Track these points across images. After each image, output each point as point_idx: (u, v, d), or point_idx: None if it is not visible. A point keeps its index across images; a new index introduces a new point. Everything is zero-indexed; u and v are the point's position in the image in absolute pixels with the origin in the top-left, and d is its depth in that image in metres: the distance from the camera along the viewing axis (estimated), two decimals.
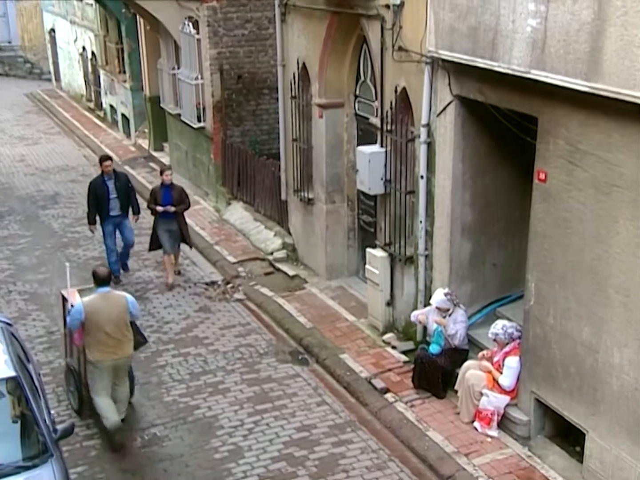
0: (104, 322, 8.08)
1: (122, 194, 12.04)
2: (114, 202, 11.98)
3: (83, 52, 23.74)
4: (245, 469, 7.86)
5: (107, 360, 8.13)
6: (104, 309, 8.14)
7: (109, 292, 8.35)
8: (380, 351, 9.81)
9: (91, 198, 12.04)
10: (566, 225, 7.05)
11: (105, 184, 11.95)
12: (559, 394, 7.47)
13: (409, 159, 9.34)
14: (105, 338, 8.09)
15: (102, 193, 11.91)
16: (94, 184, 12.08)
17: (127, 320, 8.28)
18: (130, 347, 8.36)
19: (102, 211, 12.02)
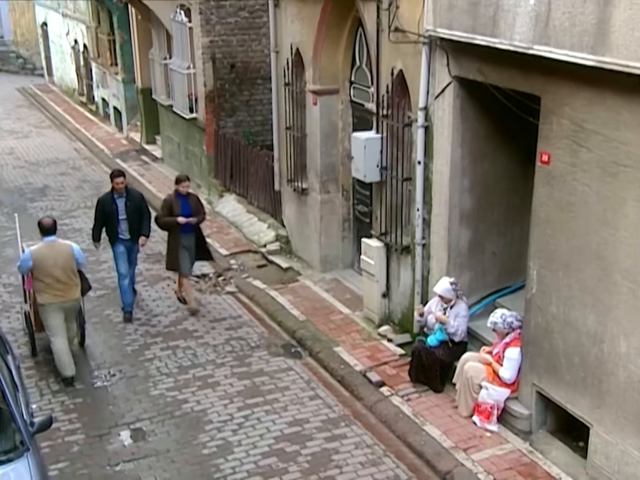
0: (51, 268, 8.79)
1: (134, 215, 10.33)
2: (123, 224, 10.35)
3: (75, 45, 23.39)
4: (234, 465, 7.53)
5: (56, 303, 8.88)
6: (51, 255, 8.85)
7: (54, 240, 9.05)
8: (376, 344, 9.48)
9: (98, 215, 10.51)
10: (570, 209, 6.74)
11: (114, 202, 10.33)
12: (561, 386, 7.15)
13: (405, 145, 9.01)
14: (53, 282, 8.82)
15: (111, 212, 10.32)
16: (102, 201, 10.49)
17: (73, 267, 9.05)
18: (78, 291, 9.15)
19: (111, 232, 10.47)
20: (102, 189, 16.16)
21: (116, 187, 10.35)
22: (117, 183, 10.33)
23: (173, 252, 10.62)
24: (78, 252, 9.12)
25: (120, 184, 10.32)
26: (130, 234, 10.39)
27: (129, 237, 10.42)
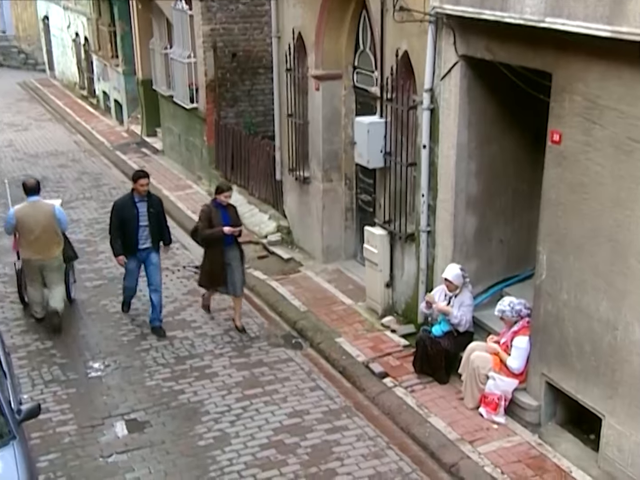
0: (32, 226, 9.27)
1: (155, 221, 9.33)
2: (144, 232, 9.25)
3: (76, 38, 23.17)
4: (231, 457, 7.25)
5: (35, 260, 9.39)
6: (33, 214, 9.32)
7: (37, 200, 9.49)
8: (379, 335, 9.20)
9: (115, 223, 9.28)
10: (583, 190, 6.45)
11: (135, 206, 9.16)
12: (572, 376, 6.86)
13: (410, 129, 8.73)
14: (34, 240, 9.30)
15: (131, 218, 9.11)
16: (121, 205, 9.25)
17: (55, 227, 9.44)
18: (57, 251, 9.53)
19: (128, 242, 9.24)
20: (102, 180, 16.07)
21: (140, 190, 9.17)
22: (142, 185, 9.16)
23: (216, 269, 9.30)
24: (60, 212, 9.61)
25: (145, 185, 9.18)
26: (152, 242, 9.37)
27: (150, 245, 9.36)
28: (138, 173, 9.47)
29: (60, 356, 9.09)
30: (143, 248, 9.34)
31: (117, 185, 15.74)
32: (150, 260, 9.45)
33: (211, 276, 9.43)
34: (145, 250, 9.37)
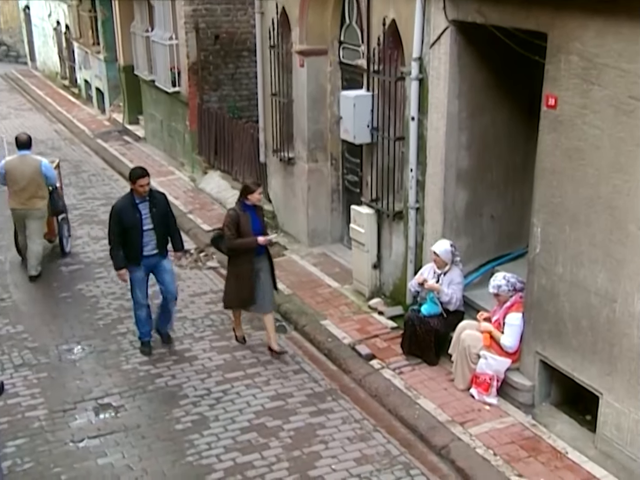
0: (18, 178, 9.96)
1: (161, 223, 8.08)
2: (149, 236, 8.02)
3: (57, 26, 22.69)
4: (210, 441, 6.88)
5: (19, 209, 10.11)
6: (20, 166, 9.98)
7: (26, 154, 10.12)
8: (366, 317, 8.86)
9: (116, 229, 7.96)
10: (579, 157, 6.13)
11: (137, 208, 7.95)
12: (568, 353, 6.54)
13: (398, 102, 8.39)
14: (19, 191, 9.99)
15: (133, 222, 7.91)
16: (120, 208, 7.96)
17: (39, 181, 10.01)
18: (40, 203, 10.08)
19: (132, 250, 8.01)
20: (82, 167, 15.65)
21: (139, 191, 7.91)
22: (142, 185, 7.87)
23: (246, 284, 8.01)
24: (46, 167, 10.15)
25: (145, 185, 7.89)
26: (157, 247, 8.13)
27: (156, 251, 8.14)
28: (136, 171, 8.02)
29: (31, 340, 8.69)
30: (149, 255, 8.10)
31: (97, 172, 15.34)
32: (162, 267, 8.24)
33: (240, 293, 8.06)
34: (153, 257, 8.12)
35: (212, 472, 6.48)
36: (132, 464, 6.61)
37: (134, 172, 8.04)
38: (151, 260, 8.15)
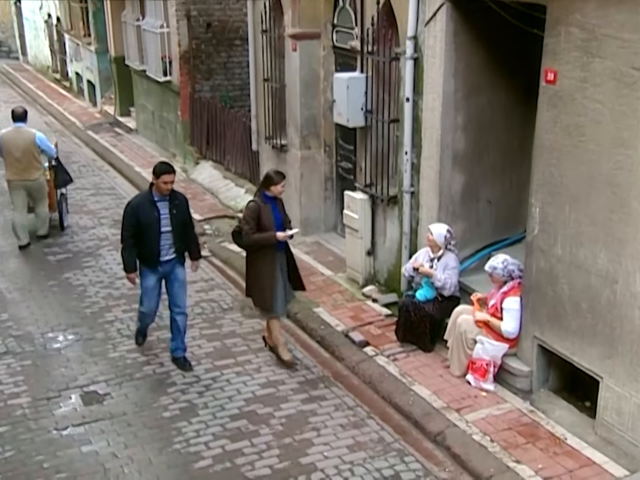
0: (14, 149, 10.29)
1: (180, 226, 7.33)
2: (166, 239, 7.27)
3: (48, 19, 22.46)
4: (198, 428, 6.67)
5: (17, 181, 10.43)
6: (15, 138, 10.34)
7: (21, 127, 10.49)
8: (360, 304, 8.66)
9: (130, 229, 7.24)
10: (579, 133, 5.94)
11: (155, 206, 7.19)
12: (567, 337, 6.35)
13: (392, 84, 8.19)
14: (14, 162, 10.35)
15: (150, 221, 7.14)
16: (137, 205, 7.23)
17: (34, 152, 10.35)
18: (37, 174, 10.44)
19: (148, 252, 7.27)
20: (72, 158, 15.38)
21: (162, 188, 7.11)
22: (166, 182, 7.09)
23: (268, 282, 7.39)
24: (40, 140, 10.48)
25: (170, 183, 7.11)
26: (175, 252, 7.40)
27: (174, 256, 7.41)
28: (161, 166, 7.20)
29: (16, 328, 8.46)
30: (166, 260, 7.35)
31: (87, 163, 15.11)
32: (176, 275, 7.49)
33: (263, 291, 7.43)
34: (169, 263, 7.39)
35: (200, 460, 6.27)
36: (118, 451, 6.39)
37: (159, 167, 7.16)
38: (166, 267, 7.39)
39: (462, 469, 6.03)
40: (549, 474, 5.77)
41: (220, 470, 6.16)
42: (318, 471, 6.08)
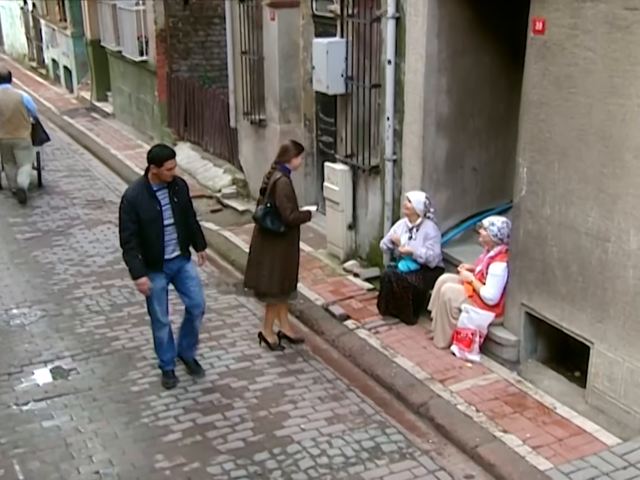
0: (4, 109, 10.83)
1: (182, 216, 6.33)
2: (170, 233, 6.25)
3: (24, 5, 22.04)
4: (168, 402, 6.30)
5: (7, 139, 11.00)
6: (4, 98, 10.85)
7: (8, 88, 11.02)
8: (341, 279, 8.32)
9: (131, 227, 6.10)
10: (569, 84, 5.63)
11: (156, 198, 6.14)
12: (556, 303, 6.04)
13: (374, 49, 7.85)
14: (6, 121, 10.86)
15: (152, 216, 6.11)
16: (135, 198, 6.09)
17: (23, 112, 10.95)
18: (25, 133, 11.07)
19: (150, 251, 6.20)
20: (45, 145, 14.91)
21: (167, 175, 6.08)
22: (169, 169, 6.07)
23: (297, 265, 7.03)
24: (27, 100, 11.13)
25: (173, 169, 6.12)
26: (181, 247, 6.37)
27: (179, 253, 6.37)
28: (164, 151, 6.12)
29: None
30: (171, 258, 6.34)
31: (61, 146, 14.69)
32: (186, 272, 6.49)
33: (295, 275, 7.00)
34: (174, 261, 6.37)
35: (169, 433, 5.90)
36: (81, 426, 6.01)
37: (161, 153, 6.07)
38: (173, 265, 6.36)
39: (446, 440, 5.70)
40: (537, 443, 5.44)
41: (190, 443, 5.79)
42: (294, 443, 5.73)
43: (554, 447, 5.41)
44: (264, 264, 6.85)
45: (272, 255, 6.83)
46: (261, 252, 6.88)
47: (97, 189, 12.02)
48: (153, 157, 6.09)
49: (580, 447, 5.39)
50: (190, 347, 6.79)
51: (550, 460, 5.27)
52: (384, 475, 5.37)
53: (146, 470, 5.51)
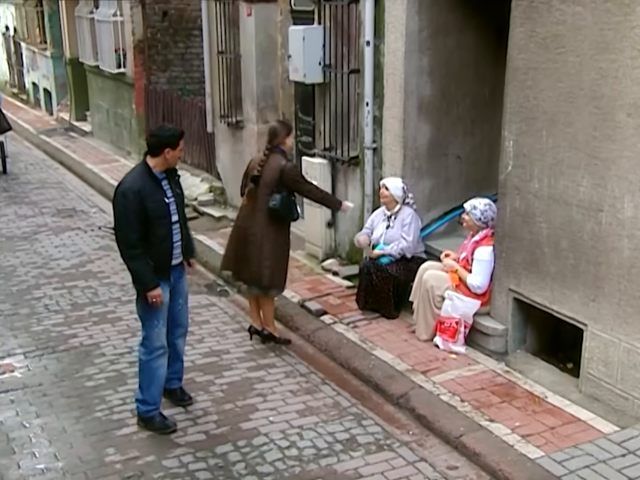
0: None
1: (183, 211, 5.35)
2: (177, 232, 5.24)
3: (6, 31, 21.81)
4: (124, 396, 5.75)
5: None
6: None
7: None
8: (319, 278, 7.85)
9: (138, 227, 4.99)
10: (558, 44, 5.25)
11: (162, 189, 5.11)
12: (546, 284, 5.57)
13: (352, 35, 7.49)
14: None
15: (162, 211, 5.07)
16: (142, 188, 4.99)
17: None
18: None
19: (157, 255, 5.12)
20: (20, 158, 14.53)
21: (176, 159, 5.14)
22: (181, 149, 5.12)
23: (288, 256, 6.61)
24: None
25: (181, 151, 5.15)
26: (183, 254, 5.40)
27: (181, 260, 5.41)
28: (175, 131, 5.15)
29: None
30: (175, 264, 5.33)
31: (35, 162, 14.31)
32: (182, 287, 5.50)
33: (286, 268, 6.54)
34: (176, 269, 5.37)
35: (123, 427, 5.36)
36: (27, 421, 5.47)
37: (176, 131, 5.14)
38: (175, 274, 5.36)
39: (428, 431, 5.18)
40: (527, 432, 4.94)
41: (147, 437, 5.25)
42: (261, 436, 5.20)
43: (545, 435, 4.91)
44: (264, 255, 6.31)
45: (273, 246, 6.34)
46: (262, 245, 6.31)
47: (69, 199, 11.55)
48: (169, 138, 5.04)
49: (574, 435, 4.90)
50: (173, 380, 5.59)
51: (541, 448, 4.77)
52: (359, 466, 4.84)
53: (95, 464, 4.96)
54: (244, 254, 6.45)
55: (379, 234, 6.92)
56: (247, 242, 6.43)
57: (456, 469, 4.79)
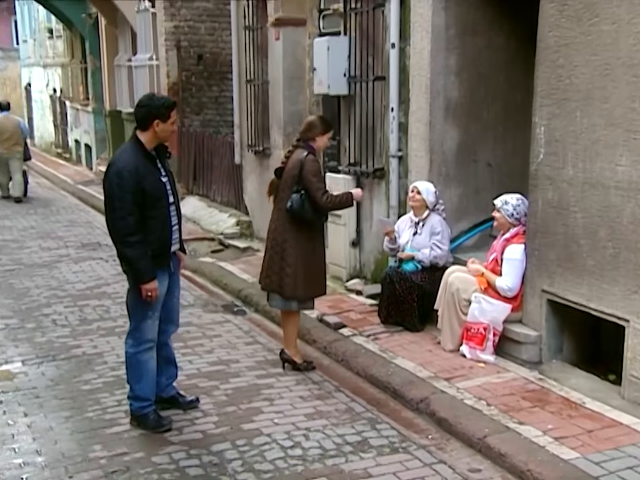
0: (4, 130, 14.05)
1: (175, 190, 4.89)
2: (174, 215, 4.82)
3: (53, 94, 22.30)
4: (120, 399, 5.27)
5: (5, 153, 14.10)
6: (5, 122, 14.18)
7: (7, 114, 14.42)
8: (341, 297, 7.36)
9: (135, 211, 4.56)
10: (591, 13, 4.87)
11: (156, 166, 4.73)
12: (582, 280, 5.02)
13: (377, 44, 7.22)
14: (5, 140, 14.04)
15: (160, 192, 4.68)
16: (138, 167, 4.57)
17: (18, 132, 14.30)
18: (19, 148, 14.35)
19: (158, 242, 4.71)
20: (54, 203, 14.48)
21: (168, 132, 4.73)
22: (173, 122, 4.71)
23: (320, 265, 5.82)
24: (22, 124, 14.85)
25: (173, 124, 4.74)
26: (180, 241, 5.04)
27: (178, 246, 4.99)
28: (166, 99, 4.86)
29: None
30: (174, 250, 4.94)
31: (68, 206, 14.22)
32: (178, 277, 5.12)
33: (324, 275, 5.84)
34: (174, 257, 4.97)
35: (114, 426, 4.90)
36: (12, 419, 5.05)
37: (166, 100, 4.74)
38: (174, 262, 4.95)
39: (449, 435, 4.62)
40: (561, 434, 4.35)
41: (138, 435, 4.78)
42: (263, 436, 4.69)
43: (581, 437, 4.32)
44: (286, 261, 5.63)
45: (296, 251, 5.62)
46: (283, 250, 5.66)
47: (95, 235, 11.33)
48: (158, 108, 4.60)
49: (616, 437, 4.31)
50: (168, 386, 5.16)
51: (576, 450, 4.17)
52: (369, 466, 4.28)
53: (77, 459, 4.50)
54: (266, 258, 5.93)
55: (405, 240, 6.47)
56: (270, 245, 5.86)
57: (479, 472, 4.20)
